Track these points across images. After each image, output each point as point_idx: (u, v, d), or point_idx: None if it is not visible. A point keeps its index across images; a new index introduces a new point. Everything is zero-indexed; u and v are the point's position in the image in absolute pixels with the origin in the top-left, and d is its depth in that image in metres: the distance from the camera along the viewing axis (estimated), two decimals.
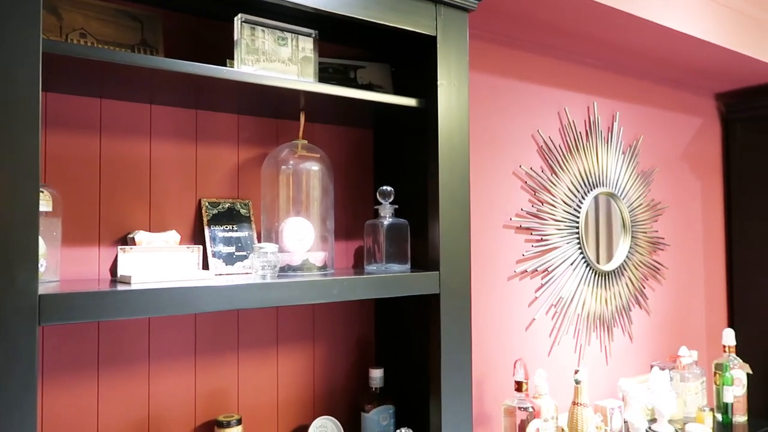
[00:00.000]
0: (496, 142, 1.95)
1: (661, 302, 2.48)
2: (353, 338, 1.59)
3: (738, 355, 2.38)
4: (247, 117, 1.45)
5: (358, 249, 1.61)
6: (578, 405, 1.85)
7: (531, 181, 2.03)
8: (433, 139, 1.36)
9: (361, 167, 1.62)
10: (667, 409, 2.07)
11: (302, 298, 1.15)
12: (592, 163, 2.20)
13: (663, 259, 2.49)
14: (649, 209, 2.43)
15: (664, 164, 2.52)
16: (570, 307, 2.13)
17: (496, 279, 1.94)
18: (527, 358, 2.01)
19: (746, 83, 2.62)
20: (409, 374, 1.49)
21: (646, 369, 2.38)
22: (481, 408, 1.89)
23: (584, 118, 2.22)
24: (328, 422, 1.45)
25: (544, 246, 2.05)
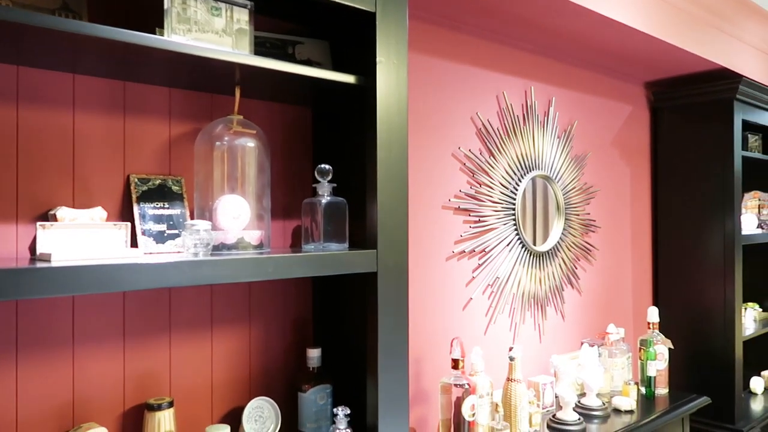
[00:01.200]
0: (435, 124, 1.96)
1: (591, 282, 2.58)
2: (291, 318, 1.58)
3: (661, 332, 2.51)
4: (180, 90, 1.39)
5: (296, 228, 1.58)
6: (512, 381, 1.90)
7: (470, 163, 2.06)
8: (372, 117, 1.35)
9: (299, 145, 1.60)
10: (596, 383, 2.17)
11: (236, 276, 1.12)
12: (528, 147, 2.25)
13: (594, 240, 2.59)
14: (582, 192, 2.51)
15: (596, 149, 2.61)
16: (506, 286, 2.18)
17: (435, 259, 1.96)
18: (464, 337, 2.05)
19: (673, 73, 2.73)
20: (347, 353, 1.49)
21: (577, 346, 2.48)
22: (419, 386, 1.92)
23: (522, 102, 2.26)
24: (265, 403, 1.43)
25: (482, 227, 2.09)
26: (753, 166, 3.05)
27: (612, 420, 2.13)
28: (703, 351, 2.72)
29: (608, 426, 2.07)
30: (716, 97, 2.65)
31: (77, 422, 1.24)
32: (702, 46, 2.48)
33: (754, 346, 3.11)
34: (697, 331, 2.74)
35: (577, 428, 2.00)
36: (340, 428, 1.38)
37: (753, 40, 2.85)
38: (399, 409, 1.39)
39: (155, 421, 1.25)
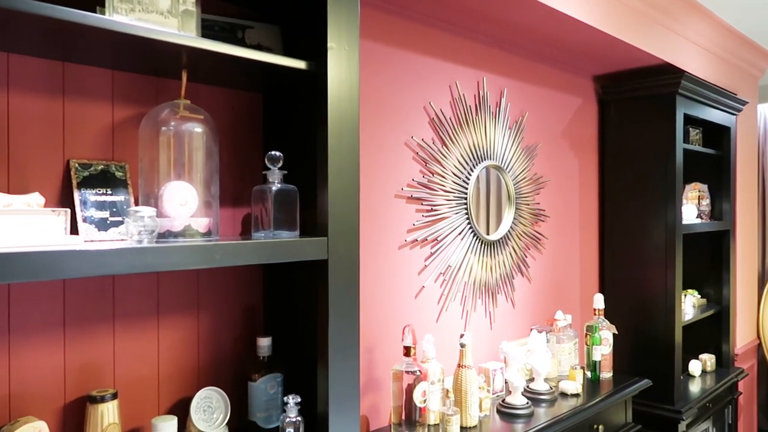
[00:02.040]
0: (388, 113, 1.96)
1: (541, 270, 2.65)
2: (241, 307, 1.56)
3: (606, 318, 2.59)
4: (124, 73, 1.34)
5: (245, 216, 1.56)
6: (463, 367, 1.93)
7: (422, 152, 2.07)
8: (323, 104, 1.34)
9: (249, 132, 1.57)
10: (544, 368, 2.23)
11: (182, 263, 1.10)
12: (480, 137, 2.28)
13: (544, 229, 2.65)
14: (532, 183, 2.56)
15: (546, 140, 2.67)
16: (458, 275, 2.21)
17: (387, 248, 1.97)
18: (416, 325, 2.07)
19: (620, 67, 2.81)
20: (298, 342, 1.48)
21: (526, 332, 2.53)
22: (371, 374, 1.93)
23: (474, 93, 2.29)
24: (213, 393, 1.41)
25: (434, 216, 2.11)
26: (694, 159, 3.17)
27: (559, 403, 2.19)
28: (645, 336, 2.83)
29: (555, 409, 2.13)
30: (660, 92, 2.74)
31: (14, 416, 1.19)
32: (647, 42, 2.56)
33: (692, 331, 3.25)
34: (640, 317, 2.85)
35: (525, 412, 2.05)
36: (290, 416, 1.38)
37: (695, 37, 2.95)
38: (350, 397, 1.39)
39: (98, 413, 1.22)
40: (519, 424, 1.98)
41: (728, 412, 3.23)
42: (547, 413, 2.09)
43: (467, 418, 1.91)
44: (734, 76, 3.46)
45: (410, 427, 1.79)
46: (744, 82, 3.59)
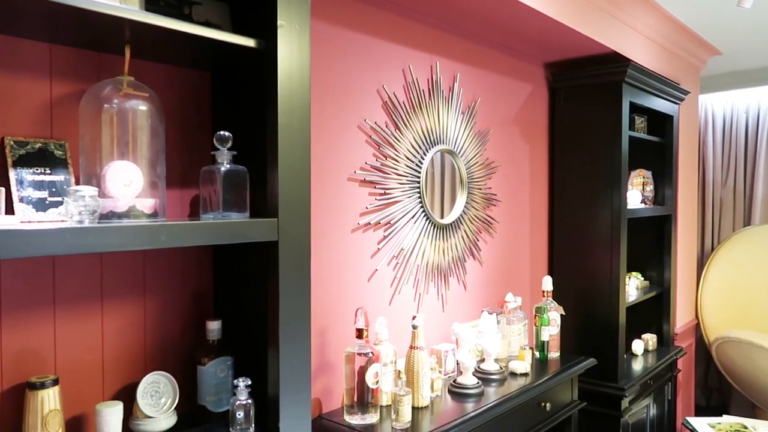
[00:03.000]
0: (340, 95, 1.95)
1: (492, 253, 2.69)
2: (189, 290, 1.53)
3: (554, 299, 2.67)
4: (63, 47, 1.29)
5: (194, 198, 1.53)
6: (415, 349, 1.96)
7: (375, 136, 2.06)
8: (273, 83, 1.32)
9: (197, 111, 1.53)
10: (494, 349, 2.28)
11: (125, 244, 1.07)
12: (433, 121, 2.29)
13: (495, 214, 2.70)
14: (484, 167, 2.60)
15: (498, 126, 2.71)
16: (410, 258, 2.23)
17: (340, 231, 1.96)
18: (370, 308, 2.07)
19: (570, 55, 2.87)
20: (249, 325, 1.47)
21: (478, 314, 2.58)
22: (324, 356, 1.93)
23: (427, 77, 2.29)
24: (161, 377, 1.39)
25: (387, 199, 2.11)
26: (639, 146, 3.28)
27: (508, 382, 2.25)
28: (591, 317, 2.92)
29: (505, 388, 2.18)
30: (607, 80, 2.81)
31: None
32: (596, 31, 2.62)
33: (636, 312, 3.38)
34: (586, 299, 2.94)
35: (475, 391, 2.09)
36: (240, 399, 1.37)
37: (641, 28, 3.04)
38: (301, 380, 1.39)
39: (38, 400, 1.17)
40: (469, 404, 2.02)
41: (668, 388, 3.38)
42: (497, 392, 2.14)
43: (419, 398, 1.94)
44: (677, 66, 3.59)
45: (362, 408, 1.80)
46: (686, 73, 3.72)
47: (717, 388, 4.60)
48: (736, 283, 4.01)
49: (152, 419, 1.35)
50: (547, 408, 2.32)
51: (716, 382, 4.57)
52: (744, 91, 4.44)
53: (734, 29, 3.42)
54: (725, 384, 4.38)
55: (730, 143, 4.53)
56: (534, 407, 2.27)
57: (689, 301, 3.95)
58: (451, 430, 1.82)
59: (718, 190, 4.60)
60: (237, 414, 1.36)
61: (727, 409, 4.38)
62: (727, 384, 4.29)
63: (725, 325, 3.89)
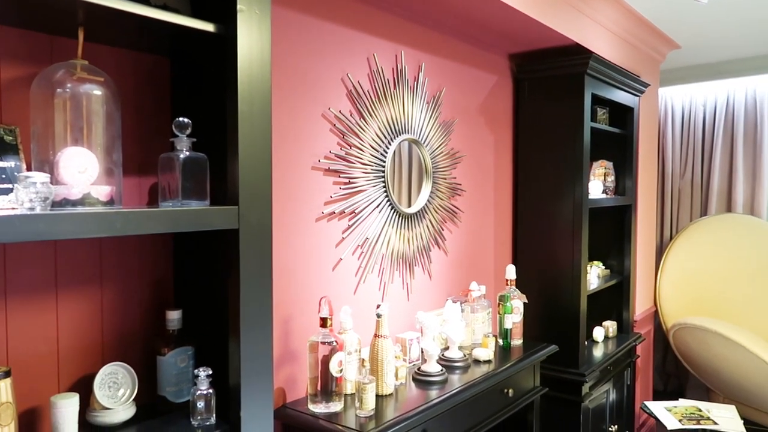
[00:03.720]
0: (304, 83, 1.93)
1: (457, 243, 2.72)
2: (149, 279, 1.50)
3: (518, 288, 2.71)
4: (12, 29, 1.24)
5: (153, 186, 1.50)
6: (379, 337, 1.96)
7: (340, 125, 2.06)
8: (232, 69, 1.30)
9: (156, 97, 1.50)
10: (458, 337, 2.30)
11: (78, 231, 1.04)
12: (398, 111, 2.30)
13: (460, 203, 2.72)
14: (449, 157, 2.61)
15: (463, 116, 2.72)
16: (375, 247, 2.23)
17: (304, 220, 1.95)
18: (334, 297, 2.07)
19: (534, 46, 2.90)
20: (210, 314, 1.45)
21: (442, 303, 2.60)
22: (288, 345, 1.93)
23: (392, 66, 2.29)
24: (119, 368, 1.36)
25: (352, 189, 2.11)
26: (601, 137, 3.34)
27: (472, 369, 2.28)
28: (554, 305, 2.98)
29: (468, 375, 2.21)
30: (570, 72, 2.85)
31: None
32: (560, 23, 2.65)
33: (597, 300, 3.46)
34: (549, 287, 3.00)
35: (439, 379, 2.11)
36: (201, 389, 1.36)
37: (604, 21, 3.09)
38: (263, 369, 1.39)
39: None
40: (433, 391, 2.04)
41: (627, 373, 3.48)
42: (461, 379, 2.17)
43: (383, 386, 1.95)
44: (638, 59, 3.66)
45: (326, 397, 1.80)
46: (647, 66, 3.80)
47: (674, 373, 4.75)
48: (692, 272, 4.14)
49: (110, 411, 1.33)
50: (510, 394, 2.36)
51: (673, 368, 4.72)
52: (702, 85, 4.57)
53: (693, 24, 3.51)
54: (682, 369, 4.52)
55: (688, 136, 4.66)
56: (497, 393, 2.31)
57: (648, 289, 4.06)
58: (415, 417, 1.84)
59: (677, 181, 4.72)
60: (198, 404, 1.35)
61: (684, 394, 4.53)
62: (683, 369, 4.43)
63: (682, 312, 4.02)
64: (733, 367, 3.48)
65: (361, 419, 1.77)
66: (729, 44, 3.94)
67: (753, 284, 4.09)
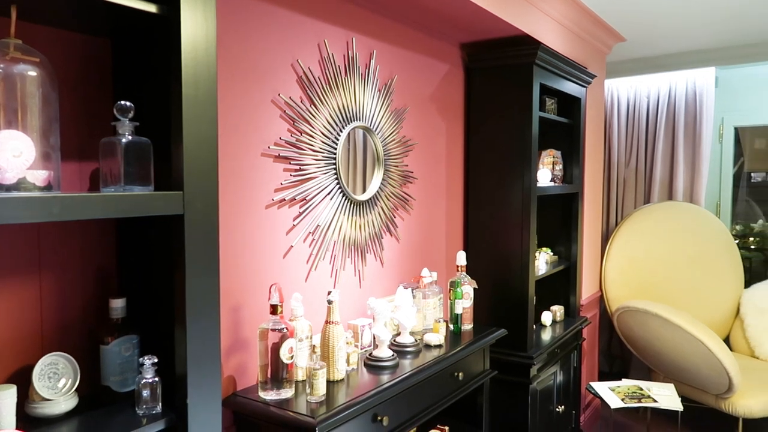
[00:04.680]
0: (253, 68, 1.91)
1: (409, 230, 2.75)
2: (92, 267, 1.46)
3: (469, 274, 2.76)
4: None
5: (94, 171, 1.46)
6: (330, 323, 1.97)
7: (290, 111, 2.04)
8: (176, 52, 1.27)
9: (96, 80, 1.46)
10: (409, 322, 2.34)
11: (11, 217, 1.01)
12: (350, 98, 2.29)
13: (412, 191, 2.75)
14: (400, 145, 2.63)
15: (415, 104, 2.74)
16: (327, 235, 2.23)
17: (254, 207, 1.94)
18: (286, 284, 2.07)
19: (485, 36, 2.94)
20: (155, 302, 1.43)
21: (395, 290, 2.63)
22: (238, 333, 1.91)
23: (343, 53, 2.28)
24: (59, 359, 1.33)
25: (303, 175, 2.10)
26: (550, 127, 3.42)
27: (423, 354, 2.32)
28: (503, 290, 3.05)
29: (419, 360, 2.25)
30: (519, 62, 2.91)
31: None
32: (509, 13, 2.69)
33: (545, 285, 3.56)
34: (499, 273, 3.06)
35: (390, 363, 2.14)
36: (146, 377, 1.34)
37: (552, 12, 3.15)
38: (210, 357, 1.38)
39: None
40: (385, 375, 2.07)
41: (574, 356, 3.60)
42: (412, 364, 2.20)
43: (334, 372, 1.96)
44: (585, 51, 3.76)
45: (277, 384, 1.80)
46: (594, 58, 3.91)
47: (619, 355, 4.94)
48: (636, 257, 4.31)
49: (50, 402, 1.29)
50: (460, 377, 2.41)
51: (618, 350, 4.91)
52: (646, 77, 4.72)
53: (637, 18, 3.62)
54: (626, 351, 4.71)
55: (633, 126, 4.82)
56: (447, 377, 2.35)
57: (594, 274, 4.20)
58: (366, 401, 1.86)
59: (622, 170, 4.89)
60: (143, 392, 1.33)
61: (628, 374, 4.72)
62: (627, 351, 4.62)
63: (626, 296, 4.18)
64: (672, 347, 3.64)
65: (312, 405, 1.78)
66: (671, 38, 4.09)
67: (692, 268, 4.29)
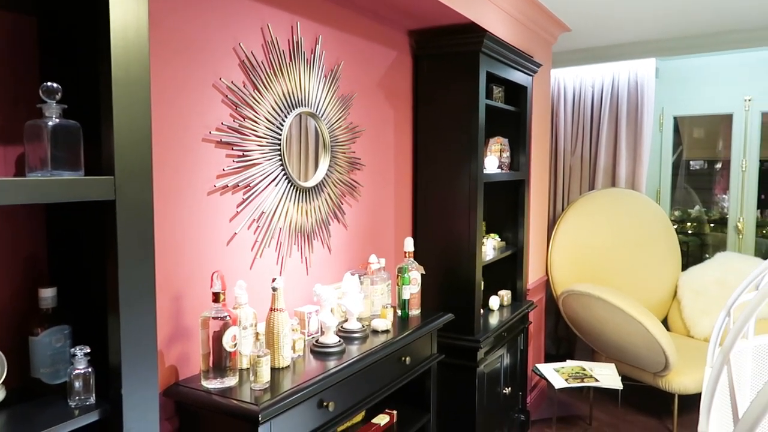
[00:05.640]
0: (192, 51, 1.86)
1: (357, 217, 2.75)
2: (19, 255, 1.41)
3: (417, 260, 2.79)
4: None
5: (20, 157, 1.40)
6: (275, 311, 1.96)
7: (232, 96, 2.00)
8: (105, 31, 1.23)
9: (21, 60, 1.39)
10: (356, 309, 2.35)
11: None
12: (295, 83, 2.27)
13: (359, 177, 2.74)
14: (348, 131, 2.62)
15: (362, 90, 2.73)
16: (272, 222, 2.21)
17: (195, 193, 1.90)
18: (230, 272, 2.04)
19: (432, 23, 2.95)
20: (88, 291, 1.39)
21: (343, 277, 2.63)
22: (180, 322, 1.88)
23: (288, 38, 2.25)
24: None
25: (246, 162, 2.07)
26: (497, 115, 3.47)
27: (371, 339, 2.33)
28: (451, 275, 3.09)
29: (367, 345, 2.26)
30: (466, 50, 2.93)
31: None
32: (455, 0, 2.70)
33: (493, 270, 3.63)
34: (447, 259, 3.10)
35: (337, 350, 2.15)
36: (78, 368, 1.30)
37: (498, 1, 3.19)
38: (146, 346, 1.35)
39: None
40: (331, 361, 2.07)
41: (520, 339, 3.69)
42: (359, 349, 2.21)
43: (279, 359, 1.95)
44: (532, 40, 3.82)
45: (220, 372, 1.78)
46: (540, 47, 3.98)
47: (565, 337, 5.10)
48: (580, 242, 4.44)
49: None
50: (407, 362, 2.44)
51: (564, 332, 5.06)
52: (591, 67, 4.85)
53: (581, 9, 3.70)
54: (571, 333, 4.86)
55: (578, 115, 4.95)
56: (395, 362, 2.38)
57: (540, 259, 4.31)
58: (311, 387, 1.86)
59: (568, 158, 5.02)
60: (75, 384, 1.30)
61: (573, 356, 4.88)
62: (573, 333, 4.76)
63: (571, 280, 4.31)
64: (613, 328, 3.78)
65: (256, 392, 1.77)
66: (614, 29, 4.21)
67: (633, 252, 4.46)
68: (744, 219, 4.67)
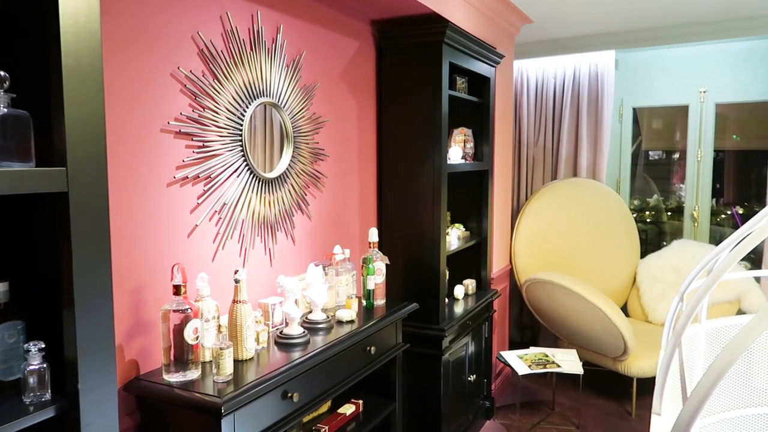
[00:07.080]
0: (149, 39, 1.82)
1: (320, 208, 2.74)
2: None
3: (382, 250, 2.80)
4: None
5: None
6: (238, 303, 1.95)
7: (191, 85, 1.97)
8: (54, 17, 1.19)
9: None
10: (320, 299, 2.35)
11: None
12: (256, 74, 2.24)
13: (323, 168, 2.74)
14: (311, 122, 2.61)
15: (325, 81, 2.72)
16: (234, 213, 2.19)
17: (154, 185, 1.87)
18: (192, 264, 2.01)
19: (395, 13, 2.95)
20: (42, 285, 1.35)
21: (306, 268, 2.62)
22: (141, 316, 1.85)
23: (248, 27, 2.22)
24: None
25: (207, 152, 2.04)
26: (461, 105, 3.50)
27: (336, 330, 2.34)
28: (416, 265, 3.12)
29: (332, 335, 2.27)
30: (428, 40, 2.94)
31: None
32: None
33: (457, 260, 3.67)
34: (412, 249, 3.12)
35: (301, 341, 2.14)
36: (33, 364, 1.27)
37: None
38: (103, 340, 1.32)
39: None
40: (296, 352, 2.07)
41: (485, 327, 3.75)
42: (324, 340, 2.22)
43: (243, 351, 1.94)
44: (494, 31, 3.85)
45: (182, 366, 1.77)
46: (502, 39, 4.01)
47: (529, 324, 5.20)
48: (543, 231, 4.52)
49: None
50: (373, 351, 2.46)
51: (528, 320, 5.16)
52: (553, 59, 4.92)
53: (543, 1, 3.74)
54: (535, 321, 4.96)
55: (541, 106, 5.02)
56: (360, 351, 2.39)
57: (504, 249, 4.37)
58: (275, 378, 1.86)
59: (531, 148, 5.09)
60: (30, 380, 1.27)
61: (537, 343, 4.98)
62: (536, 320, 4.86)
63: (534, 268, 4.38)
64: (575, 315, 3.87)
65: (219, 385, 1.76)
66: (575, 21, 4.27)
67: (594, 241, 4.56)
68: (699, 207, 4.82)
